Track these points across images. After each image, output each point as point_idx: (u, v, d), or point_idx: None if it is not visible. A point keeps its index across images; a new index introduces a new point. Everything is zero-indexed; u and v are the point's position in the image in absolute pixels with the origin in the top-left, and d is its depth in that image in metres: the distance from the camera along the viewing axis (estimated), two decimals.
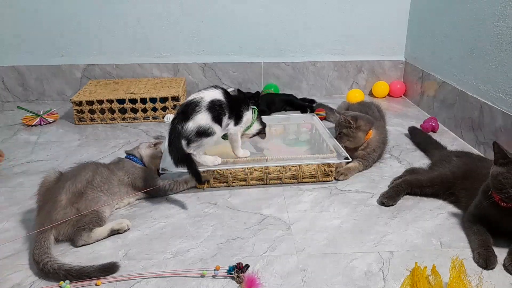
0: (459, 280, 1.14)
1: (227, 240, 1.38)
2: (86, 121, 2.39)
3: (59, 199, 1.35)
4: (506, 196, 1.24)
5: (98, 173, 1.49)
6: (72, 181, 1.41)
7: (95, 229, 1.36)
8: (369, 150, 1.84)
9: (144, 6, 2.62)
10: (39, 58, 2.68)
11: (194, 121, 1.49)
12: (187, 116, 1.49)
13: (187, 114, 1.50)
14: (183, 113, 1.51)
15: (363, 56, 2.83)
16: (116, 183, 1.53)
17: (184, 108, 1.53)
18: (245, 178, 1.69)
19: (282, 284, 1.19)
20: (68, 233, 1.34)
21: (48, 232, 1.30)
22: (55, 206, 1.34)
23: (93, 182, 1.45)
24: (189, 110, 1.50)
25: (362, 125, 1.81)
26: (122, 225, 1.40)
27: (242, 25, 2.70)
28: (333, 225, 1.46)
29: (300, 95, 2.73)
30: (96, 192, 1.44)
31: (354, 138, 1.81)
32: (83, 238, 1.33)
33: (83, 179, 1.43)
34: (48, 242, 1.27)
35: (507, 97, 1.81)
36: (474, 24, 2.05)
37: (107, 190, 1.48)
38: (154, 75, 2.77)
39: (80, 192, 1.40)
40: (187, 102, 1.54)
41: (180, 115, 1.51)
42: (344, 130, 1.82)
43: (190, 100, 1.53)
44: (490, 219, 1.34)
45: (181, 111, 1.53)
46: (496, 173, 1.27)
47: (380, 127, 1.92)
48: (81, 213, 1.35)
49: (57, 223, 1.31)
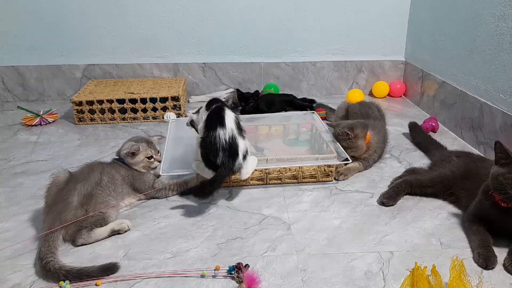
0: (459, 280, 1.14)
1: (227, 240, 1.38)
2: (86, 121, 2.39)
3: (70, 200, 1.36)
4: (507, 197, 1.24)
5: (105, 173, 1.50)
6: (84, 183, 1.42)
7: (96, 229, 1.36)
8: (370, 152, 1.83)
9: (144, 6, 2.62)
10: (39, 58, 2.68)
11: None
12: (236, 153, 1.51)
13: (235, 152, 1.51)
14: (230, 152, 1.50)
15: (363, 56, 2.83)
16: (120, 183, 1.53)
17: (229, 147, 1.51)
18: (247, 179, 1.69)
19: (282, 284, 1.19)
20: (73, 233, 1.35)
21: (58, 232, 1.31)
22: (66, 207, 1.35)
23: (102, 183, 1.46)
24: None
25: (359, 132, 1.80)
26: (123, 226, 1.40)
27: (242, 25, 2.70)
28: (333, 225, 1.46)
29: (300, 95, 2.73)
30: (104, 193, 1.45)
31: (356, 147, 1.80)
32: (83, 237, 1.34)
33: (93, 181, 1.44)
34: (56, 242, 1.29)
35: (507, 97, 1.81)
36: (474, 24, 2.05)
37: (113, 191, 1.49)
38: (154, 75, 2.77)
39: (90, 194, 1.40)
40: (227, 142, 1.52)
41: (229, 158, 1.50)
42: (343, 143, 1.80)
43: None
44: (490, 219, 1.33)
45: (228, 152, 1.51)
46: (497, 174, 1.27)
47: (378, 127, 1.91)
48: (89, 214, 1.36)
49: (67, 223, 1.32)
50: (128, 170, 1.59)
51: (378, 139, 1.86)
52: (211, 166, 1.50)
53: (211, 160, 1.49)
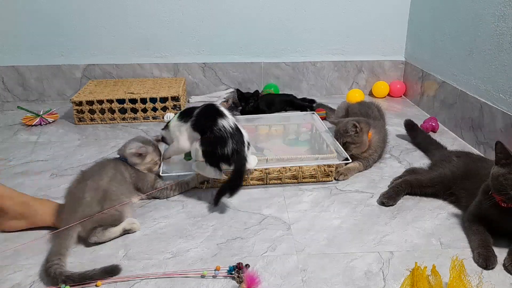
0: (459, 280, 1.14)
1: (227, 240, 1.38)
2: (86, 121, 2.39)
3: (82, 196, 1.35)
4: (507, 197, 1.24)
5: (117, 169, 1.49)
6: (94, 179, 1.41)
7: (110, 228, 1.35)
8: (370, 151, 1.83)
9: (144, 6, 2.62)
10: (39, 58, 2.68)
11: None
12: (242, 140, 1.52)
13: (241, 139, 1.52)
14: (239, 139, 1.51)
15: (363, 56, 2.83)
16: (128, 181, 1.53)
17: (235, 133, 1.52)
18: (245, 178, 1.69)
19: (282, 284, 1.19)
20: (89, 230, 1.33)
21: (72, 231, 1.30)
22: (80, 203, 1.34)
23: (116, 179, 1.45)
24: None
25: (363, 127, 1.80)
26: (133, 226, 1.41)
27: (242, 25, 2.70)
28: (333, 225, 1.46)
29: (300, 95, 2.73)
30: (118, 190, 1.44)
31: (361, 142, 1.79)
32: (97, 235, 1.33)
33: (106, 177, 1.43)
34: (69, 241, 1.28)
35: (507, 97, 1.81)
36: (474, 24, 2.05)
37: (126, 189, 1.49)
38: (154, 75, 2.77)
39: (105, 189, 1.40)
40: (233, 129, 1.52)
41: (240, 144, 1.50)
42: (348, 139, 1.79)
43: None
44: (490, 219, 1.33)
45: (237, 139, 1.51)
46: (497, 174, 1.27)
47: (378, 127, 1.91)
48: (104, 211, 1.35)
49: (81, 220, 1.31)
50: (132, 169, 1.58)
51: (378, 138, 1.86)
52: (219, 160, 1.49)
53: (219, 154, 1.47)
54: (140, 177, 1.58)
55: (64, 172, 1.83)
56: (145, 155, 1.59)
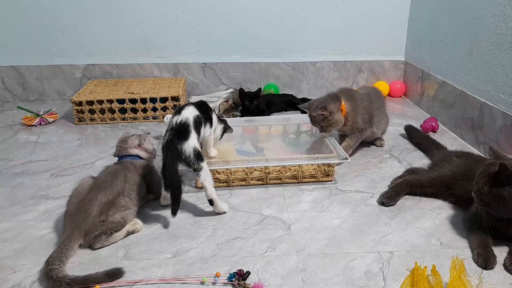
0: (459, 280, 1.14)
1: (227, 240, 1.38)
2: (86, 121, 2.39)
3: (90, 211, 1.32)
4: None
5: (127, 181, 1.45)
6: (105, 193, 1.37)
7: (114, 233, 1.35)
8: (350, 123, 1.86)
9: (144, 6, 2.62)
10: (39, 58, 2.68)
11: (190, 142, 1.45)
12: (184, 137, 1.44)
13: (183, 135, 1.44)
14: (178, 133, 1.44)
15: (363, 56, 2.83)
16: (143, 185, 1.52)
17: (178, 128, 1.46)
18: (245, 178, 1.69)
19: (282, 284, 1.19)
20: (92, 239, 1.32)
21: (74, 242, 1.28)
22: (86, 217, 1.31)
23: (124, 192, 1.42)
24: (183, 131, 1.45)
25: (332, 108, 1.81)
26: (136, 226, 1.41)
27: (242, 25, 2.70)
28: (333, 225, 1.46)
29: (300, 95, 2.73)
30: (125, 201, 1.41)
31: (336, 122, 1.83)
32: (102, 241, 1.32)
33: (115, 190, 1.39)
34: (69, 252, 1.26)
35: (507, 97, 1.81)
36: (474, 24, 2.05)
37: (134, 198, 1.45)
38: (154, 75, 2.77)
39: (112, 202, 1.37)
40: (177, 124, 1.47)
41: (175, 136, 1.44)
42: (323, 124, 1.83)
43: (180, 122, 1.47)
44: (490, 219, 1.33)
45: (176, 132, 1.45)
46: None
47: (350, 95, 1.90)
48: (108, 220, 1.34)
49: (84, 232, 1.30)
50: (146, 168, 1.57)
51: (352, 108, 1.86)
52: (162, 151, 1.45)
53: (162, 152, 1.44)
54: (154, 177, 1.57)
55: (64, 172, 1.83)
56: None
